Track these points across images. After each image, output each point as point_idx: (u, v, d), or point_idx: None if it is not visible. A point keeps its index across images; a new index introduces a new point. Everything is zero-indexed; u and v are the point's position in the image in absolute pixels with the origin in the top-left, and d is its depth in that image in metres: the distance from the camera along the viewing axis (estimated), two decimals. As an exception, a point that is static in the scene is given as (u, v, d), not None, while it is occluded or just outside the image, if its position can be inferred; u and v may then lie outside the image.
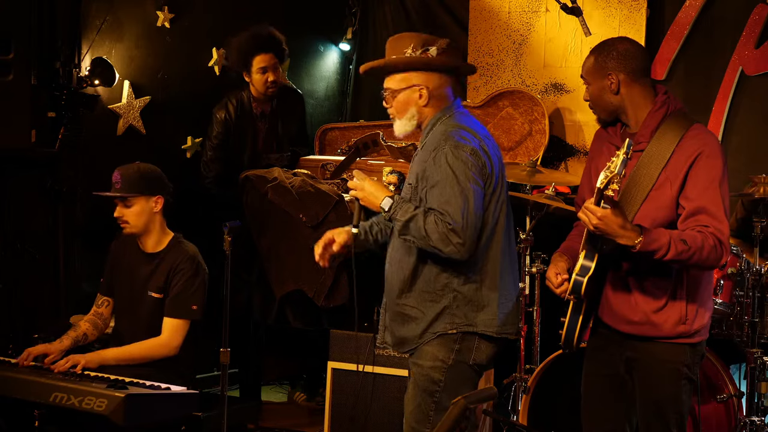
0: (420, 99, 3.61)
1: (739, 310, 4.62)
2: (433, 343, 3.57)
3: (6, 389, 4.01)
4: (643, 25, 5.86)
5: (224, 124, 5.56)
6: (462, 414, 2.70)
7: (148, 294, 4.47)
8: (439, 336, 3.56)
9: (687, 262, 3.27)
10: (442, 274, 3.55)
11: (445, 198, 3.43)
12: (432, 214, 3.42)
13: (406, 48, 3.60)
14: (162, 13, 5.65)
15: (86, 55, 5.21)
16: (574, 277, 3.34)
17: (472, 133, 3.55)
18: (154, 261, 4.50)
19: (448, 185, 3.43)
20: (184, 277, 4.44)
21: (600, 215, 3.19)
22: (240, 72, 5.59)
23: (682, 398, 3.45)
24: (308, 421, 5.47)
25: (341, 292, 5.16)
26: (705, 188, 3.30)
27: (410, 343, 3.63)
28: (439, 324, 3.57)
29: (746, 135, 5.69)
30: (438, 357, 3.56)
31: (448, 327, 3.56)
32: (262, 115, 5.68)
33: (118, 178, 4.47)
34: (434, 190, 3.46)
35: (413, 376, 3.64)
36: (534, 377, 4.80)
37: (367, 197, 3.57)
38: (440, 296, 3.56)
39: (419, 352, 3.60)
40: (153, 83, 5.67)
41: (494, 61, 6.29)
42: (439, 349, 3.56)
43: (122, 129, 5.51)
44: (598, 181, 3.15)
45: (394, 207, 3.49)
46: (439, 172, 3.46)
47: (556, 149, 6.13)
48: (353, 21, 6.92)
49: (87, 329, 4.53)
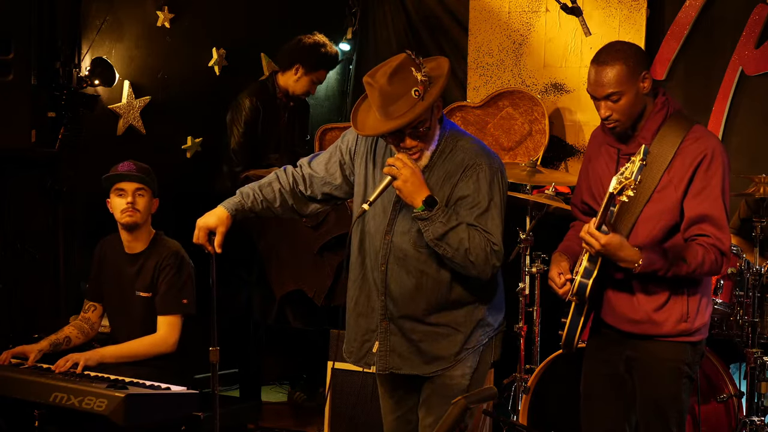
0: (436, 120, 3.37)
1: (739, 310, 4.63)
2: (465, 356, 3.47)
3: (6, 389, 4.01)
4: (643, 25, 5.86)
5: (254, 111, 5.55)
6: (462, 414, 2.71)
7: (137, 294, 4.47)
8: (474, 348, 3.48)
9: (688, 276, 3.32)
10: (475, 286, 3.42)
11: (491, 218, 3.31)
12: (478, 231, 3.28)
13: (411, 83, 3.24)
14: (162, 13, 5.65)
15: (86, 55, 5.22)
16: (578, 280, 3.34)
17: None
18: (138, 261, 4.50)
19: (493, 207, 3.32)
20: (170, 273, 4.44)
21: (604, 242, 3.21)
22: (282, 69, 5.66)
23: (682, 397, 3.45)
24: (308, 421, 5.47)
25: (341, 292, 5.16)
26: (708, 195, 3.31)
27: (445, 362, 3.45)
28: (474, 338, 3.46)
29: (746, 135, 5.68)
30: (468, 365, 3.48)
31: (483, 339, 3.49)
32: (285, 108, 5.73)
33: (132, 167, 4.44)
34: (475, 209, 3.31)
35: (434, 387, 3.48)
36: (534, 377, 4.79)
37: (407, 186, 3.25)
38: (475, 308, 3.45)
39: (451, 368, 3.46)
40: (153, 83, 5.67)
41: (494, 61, 6.28)
42: (467, 358, 3.47)
43: (122, 129, 5.51)
44: (610, 185, 3.15)
45: (438, 210, 3.27)
46: (481, 191, 3.31)
47: (556, 149, 6.12)
48: (353, 21, 6.91)
49: (71, 333, 4.52)
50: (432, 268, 3.39)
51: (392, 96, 3.23)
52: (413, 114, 3.22)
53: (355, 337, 3.59)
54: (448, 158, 3.38)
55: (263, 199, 3.60)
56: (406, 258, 3.41)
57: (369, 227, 3.50)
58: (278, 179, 3.64)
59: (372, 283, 3.50)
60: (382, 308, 3.48)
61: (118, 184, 4.43)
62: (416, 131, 3.30)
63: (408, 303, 3.43)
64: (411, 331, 3.45)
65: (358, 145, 3.55)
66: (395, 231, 3.43)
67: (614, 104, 3.35)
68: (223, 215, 3.53)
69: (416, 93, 3.23)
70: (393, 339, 3.48)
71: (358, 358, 3.58)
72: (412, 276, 3.41)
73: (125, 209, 4.42)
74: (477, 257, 3.26)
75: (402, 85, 3.23)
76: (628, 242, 3.27)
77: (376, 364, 3.51)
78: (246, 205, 3.58)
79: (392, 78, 3.23)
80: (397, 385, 3.61)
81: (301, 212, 3.68)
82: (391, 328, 3.47)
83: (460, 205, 3.33)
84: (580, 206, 3.67)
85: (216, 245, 3.51)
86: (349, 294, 3.62)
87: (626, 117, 3.38)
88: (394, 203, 3.44)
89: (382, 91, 3.24)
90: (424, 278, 3.40)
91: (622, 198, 3.14)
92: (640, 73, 3.35)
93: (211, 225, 3.51)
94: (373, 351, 3.51)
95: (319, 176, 3.61)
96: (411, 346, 3.46)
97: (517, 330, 4.95)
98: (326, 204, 3.68)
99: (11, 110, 4.60)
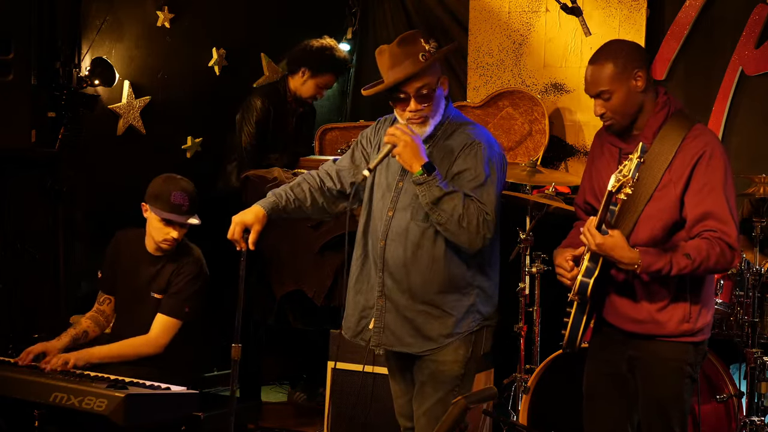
0: (444, 92, 3.57)
1: (739, 310, 4.63)
2: (455, 341, 3.56)
3: (6, 389, 4.00)
4: (643, 25, 5.86)
5: (265, 112, 5.59)
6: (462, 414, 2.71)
7: (151, 295, 4.47)
8: (465, 335, 3.56)
9: (694, 272, 3.29)
10: (468, 270, 3.53)
11: (486, 192, 3.43)
12: (472, 201, 3.40)
13: (419, 49, 3.46)
14: (162, 13, 5.65)
15: (86, 55, 5.21)
16: (580, 279, 3.34)
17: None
18: (159, 262, 4.49)
19: (490, 183, 3.45)
20: (187, 278, 4.44)
21: (597, 242, 3.23)
22: (291, 73, 5.69)
23: (685, 397, 3.45)
24: (308, 421, 5.46)
25: (341, 292, 5.16)
26: (709, 192, 3.30)
27: (434, 342, 3.56)
28: (465, 323, 3.55)
29: (746, 135, 5.69)
30: (459, 352, 3.56)
31: (474, 325, 3.57)
32: (294, 113, 5.75)
33: (185, 200, 4.41)
34: (472, 181, 3.44)
35: (429, 373, 3.58)
36: (534, 377, 4.79)
37: (407, 151, 3.38)
38: (467, 293, 3.55)
39: (441, 350, 3.56)
40: (153, 83, 5.67)
41: (494, 61, 6.28)
42: (459, 344, 3.56)
43: (122, 129, 5.51)
44: (609, 184, 3.15)
45: (435, 176, 3.38)
46: (478, 166, 3.45)
47: (556, 149, 6.12)
48: (353, 21, 6.92)
49: (88, 326, 4.52)
50: (428, 241, 3.50)
51: (400, 56, 3.44)
52: (418, 67, 3.41)
53: (353, 313, 3.70)
54: (450, 138, 3.53)
55: (295, 198, 3.69)
56: (404, 232, 3.53)
57: (375, 206, 3.64)
58: (306, 180, 3.76)
59: (372, 260, 3.62)
60: (380, 285, 3.59)
61: (169, 216, 4.39)
62: (421, 93, 3.44)
63: (403, 277, 3.53)
64: (405, 309, 3.55)
65: (375, 135, 3.71)
66: (397, 207, 3.56)
67: (606, 102, 3.39)
68: (260, 213, 3.60)
69: (423, 57, 3.43)
70: (388, 317, 3.58)
71: (354, 334, 3.70)
72: (408, 250, 3.52)
73: (168, 240, 4.42)
74: (469, 224, 3.37)
75: (410, 49, 3.44)
76: (626, 243, 3.26)
77: (371, 340, 3.62)
78: (280, 205, 3.67)
79: (401, 43, 3.46)
80: (405, 368, 3.70)
81: (331, 211, 3.80)
82: (387, 306, 3.58)
83: (457, 179, 3.46)
84: (583, 206, 3.68)
85: (250, 242, 3.59)
86: (351, 270, 3.73)
87: (620, 115, 3.40)
88: (398, 181, 3.57)
89: (392, 52, 3.46)
90: (420, 251, 3.50)
91: (620, 196, 3.14)
92: (632, 71, 3.36)
93: (248, 222, 3.59)
94: (369, 327, 3.62)
95: (346, 168, 3.74)
96: (404, 324, 3.56)
97: (517, 330, 4.95)
98: (354, 198, 3.75)
99: (11, 110, 4.60)
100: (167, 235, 4.39)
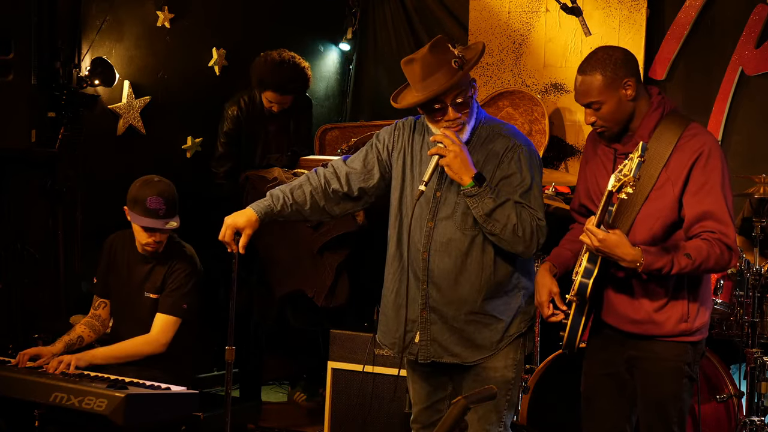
0: (476, 95, 3.52)
1: (739, 310, 4.63)
2: (506, 345, 3.52)
3: (6, 389, 4.01)
4: (643, 25, 5.86)
5: (235, 120, 5.57)
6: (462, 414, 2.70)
7: (145, 295, 4.47)
8: (515, 337, 3.53)
9: (693, 272, 3.30)
10: (515, 272, 3.51)
11: (533, 196, 3.43)
12: (524, 208, 3.39)
13: (450, 56, 3.39)
14: (162, 13, 5.65)
15: (86, 55, 5.22)
16: (579, 280, 3.34)
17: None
18: (151, 262, 4.50)
19: (535, 186, 3.45)
20: (181, 276, 4.45)
21: (600, 238, 3.22)
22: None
23: (683, 396, 3.45)
24: (308, 421, 5.46)
25: (341, 292, 5.16)
26: (708, 192, 3.30)
27: (486, 350, 3.49)
28: (514, 326, 3.52)
29: (746, 135, 5.69)
30: (510, 356, 3.52)
31: (522, 326, 3.55)
32: (272, 114, 5.67)
33: (161, 204, 4.38)
34: (519, 187, 3.41)
35: (480, 381, 3.48)
36: (534, 377, 4.80)
37: (456, 162, 3.32)
38: (513, 296, 3.52)
39: (493, 356, 3.51)
40: (153, 83, 5.67)
41: (494, 61, 6.29)
42: (510, 348, 3.52)
43: (122, 129, 5.51)
44: (609, 183, 3.15)
45: (486, 186, 3.34)
46: (523, 170, 3.42)
47: (556, 149, 6.13)
48: (353, 21, 6.92)
49: (83, 332, 4.52)
50: (476, 250, 3.45)
51: (433, 65, 3.36)
52: (457, 78, 3.35)
53: (396, 328, 3.61)
54: (487, 140, 3.48)
55: (293, 202, 3.63)
56: (449, 242, 3.46)
57: (406, 219, 3.53)
58: (309, 181, 3.68)
59: (412, 273, 3.53)
60: (423, 297, 3.50)
61: (146, 222, 4.37)
62: (457, 101, 3.40)
63: (452, 288, 3.47)
64: (453, 320, 3.48)
65: (395, 141, 3.63)
66: (438, 218, 3.49)
67: (596, 112, 3.39)
68: (252, 217, 3.56)
69: (455, 63, 3.37)
70: (434, 328, 3.51)
71: (401, 349, 3.60)
72: (455, 260, 3.46)
73: (150, 244, 4.41)
74: (525, 232, 3.36)
75: (442, 57, 3.37)
76: (627, 241, 3.25)
77: (419, 354, 3.54)
78: (275, 209, 3.61)
79: (432, 50, 3.38)
80: (434, 375, 3.63)
81: (332, 213, 3.72)
82: (432, 318, 3.50)
83: (503, 184, 3.42)
84: (578, 209, 3.68)
85: (240, 246, 3.55)
86: (388, 287, 3.64)
87: (611, 123, 3.40)
88: (435, 190, 3.50)
89: (424, 61, 3.37)
90: (469, 260, 3.45)
91: (621, 195, 3.13)
92: (621, 80, 3.34)
93: (239, 225, 3.55)
94: (415, 341, 3.54)
95: (357, 171, 3.66)
96: (452, 334, 3.50)
97: (517, 330, 4.94)
98: (358, 202, 3.71)
99: (11, 110, 4.61)
100: (148, 239, 4.39)
